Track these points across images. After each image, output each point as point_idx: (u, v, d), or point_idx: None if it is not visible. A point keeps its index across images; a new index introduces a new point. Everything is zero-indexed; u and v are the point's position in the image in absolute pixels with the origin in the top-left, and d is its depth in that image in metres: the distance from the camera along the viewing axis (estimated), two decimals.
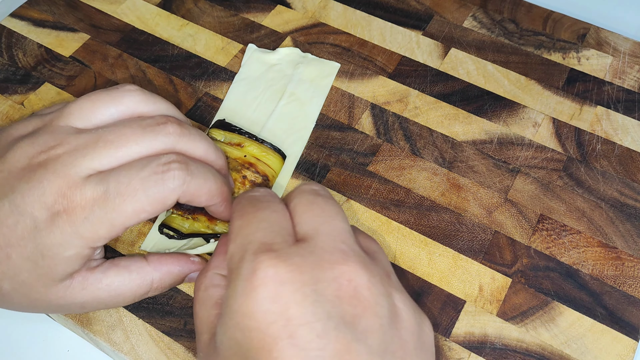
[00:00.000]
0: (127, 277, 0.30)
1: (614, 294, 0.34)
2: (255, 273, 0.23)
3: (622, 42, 0.45)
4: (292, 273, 0.23)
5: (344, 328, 0.23)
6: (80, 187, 0.27)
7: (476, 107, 0.42)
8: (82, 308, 0.30)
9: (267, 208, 0.27)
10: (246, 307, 0.23)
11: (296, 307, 0.22)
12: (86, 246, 0.28)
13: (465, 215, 0.37)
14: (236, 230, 0.26)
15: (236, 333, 0.23)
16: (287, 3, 0.48)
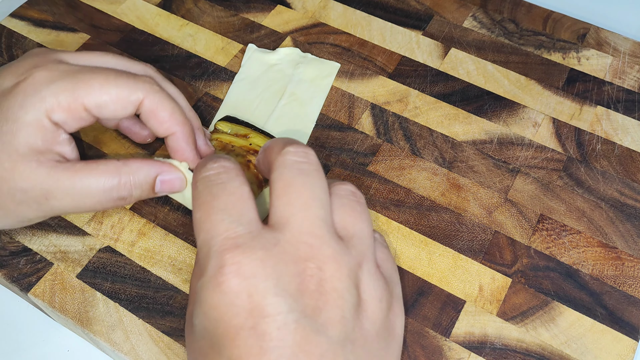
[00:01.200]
0: (94, 168, 0.29)
1: (614, 294, 0.34)
2: (221, 270, 0.23)
3: (622, 42, 0.45)
4: (255, 268, 0.24)
5: (304, 320, 0.23)
6: (53, 62, 0.29)
7: (476, 107, 0.42)
8: (46, 200, 0.29)
9: (223, 192, 0.26)
10: (212, 300, 0.23)
11: (260, 299, 0.23)
12: (46, 113, 0.28)
13: (465, 215, 0.37)
14: (198, 224, 0.25)
15: (205, 321, 0.24)
16: (287, 3, 0.48)
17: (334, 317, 0.24)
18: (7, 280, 0.35)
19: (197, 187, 0.27)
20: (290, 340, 0.23)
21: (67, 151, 0.30)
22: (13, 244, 0.36)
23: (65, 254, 0.35)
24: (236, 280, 0.23)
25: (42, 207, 0.29)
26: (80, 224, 0.36)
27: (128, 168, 0.30)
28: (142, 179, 0.30)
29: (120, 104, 0.29)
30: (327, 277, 0.25)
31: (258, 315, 0.23)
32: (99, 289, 0.34)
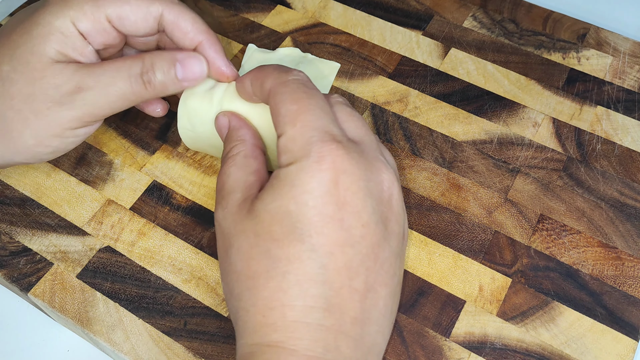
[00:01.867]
0: (120, 59, 0.31)
1: (614, 294, 0.34)
2: (323, 159, 0.26)
3: (622, 42, 0.45)
4: (352, 166, 0.26)
5: (381, 225, 0.27)
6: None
7: (476, 107, 0.42)
8: (78, 92, 0.30)
9: (317, 95, 0.28)
10: (309, 185, 0.25)
11: (351, 196, 0.26)
12: (71, 21, 0.30)
13: (465, 215, 0.37)
14: (293, 115, 0.27)
15: (290, 204, 0.26)
16: (287, 3, 0.48)
17: (396, 230, 0.28)
18: (7, 280, 0.35)
19: (289, 85, 0.28)
20: (369, 239, 0.26)
21: (94, 61, 0.32)
22: (13, 244, 0.36)
23: (65, 254, 0.35)
24: (335, 173, 0.26)
25: (75, 103, 0.31)
26: (80, 224, 0.36)
27: (150, 54, 0.32)
28: (164, 61, 0.31)
29: (140, 14, 0.31)
30: (395, 194, 0.28)
31: (349, 210, 0.26)
32: (99, 289, 0.34)
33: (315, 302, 0.25)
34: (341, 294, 0.25)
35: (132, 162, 0.39)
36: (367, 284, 0.26)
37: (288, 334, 0.25)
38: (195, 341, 0.32)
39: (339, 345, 0.25)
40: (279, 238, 0.26)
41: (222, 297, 0.34)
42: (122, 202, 0.37)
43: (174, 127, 0.41)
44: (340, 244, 0.25)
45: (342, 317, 0.26)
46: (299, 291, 0.25)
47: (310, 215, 0.25)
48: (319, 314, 0.25)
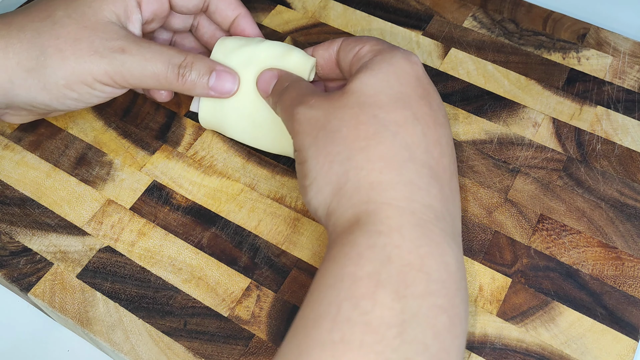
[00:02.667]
0: (165, 47, 0.34)
1: (614, 294, 0.34)
2: (410, 56, 0.31)
3: (622, 42, 0.45)
4: (425, 74, 0.31)
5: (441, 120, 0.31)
6: None
7: (476, 107, 0.42)
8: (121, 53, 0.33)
9: None
10: (404, 67, 0.30)
11: (431, 90, 0.31)
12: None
13: (465, 215, 0.37)
14: (380, 40, 0.32)
15: (391, 78, 0.29)
16: (287, 3, 0.48)
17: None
18: (7, 280, 0.35)
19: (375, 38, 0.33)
20: (447, 129, 0.30)
21: (137, 32, 0.35)
22: (13, 244, 0.36)
23: (65, 254, 0.35)
24: (420, 68, 0.31)
25: (114, 61, 0.33)
26: (80, 224, 0.36)
27: (194, 54, 0.34)
28: (203, 65, 0.34)
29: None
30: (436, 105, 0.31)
31: (433, 97, 0.30)
32: (99, 289, 0.34)
33: (422, 165, 0.28)
34: (439, 167, 0.28)
35: (132, 162, 0.39)
36: (451, 169, 0.29)
37: (405, 193, 0.26)
38: (195, 341, 0.32)
39: (445, 216, 0.27)
40: (385, 105, 0.28)
41: (222, 297, 0.34)
42: (122, 202, 0.37)
43: (174, 127, 0.41)
44: (432, 119, 0.29)
45: (442, 190, 0.28)
46: (409, 153, 0.27)
47: (409, 89, 0.29)
48: (427, 179, 0.27)
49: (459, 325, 0.25)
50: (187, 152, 0.39)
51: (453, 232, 0.27)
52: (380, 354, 0.22)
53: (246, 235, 0.36)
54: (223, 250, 0.35)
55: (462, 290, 0.26)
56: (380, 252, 0.24)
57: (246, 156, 0.39)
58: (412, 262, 0.24)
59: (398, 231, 0.25)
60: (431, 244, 0.25)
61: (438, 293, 0.24)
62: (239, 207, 0.37)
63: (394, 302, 0.23)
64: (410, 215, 0.26)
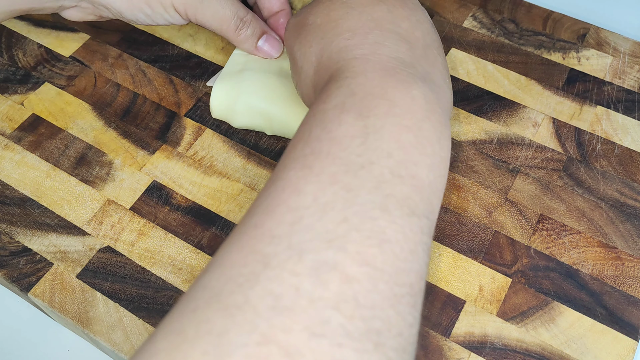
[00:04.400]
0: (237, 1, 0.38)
1: (614, 294, 0.34)
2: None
3: (622, 42, 0.45)
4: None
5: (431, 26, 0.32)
6: None
7: (476, 107, 0.42)
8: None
9: None
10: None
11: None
12: None
13: (465, 215, 0.37)
14: None
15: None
16: None
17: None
18: (7, 280, 0.35)
19: None
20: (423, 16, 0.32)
21: None
22: (13, 244, 0.36)
23: (65, 254, 0.35)
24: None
25: None
26: (80, 224, 0.36)
27: (253, 15, 0.39)
28: (258, 27, 0.39)
29: None
30: None
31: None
32: (99, 289, 0.34)
33: (389, 32, 0.29)
34: (409, 35, 0.30)
35: (132, 162, 0.39)
36: (425, 41, 0.30)
37: (371, 48, 0.28)
38: None
39: (415, 66, 0.28)
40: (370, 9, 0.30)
41: None
42: (122, 202, 0.37)
43: (174, 127, 0.41)
44: (400, 3, 0.31)
45: (413, 50, 0.29)
46: (375, 24, 0.29)
47: None
48: (395, 41, 0.29)
49: (428, 146, 0.25)
50: (187, 152, 0.39)
51: (424, 77, 0.28)
52: (345, 158, 0.23)
53: None
54: None
55: (434, 120, 0.26)
56: (346, 89, 0.26)
57: (246, 156, 0.39)
58: (375, 92, 0.26)
59: (363, 74, 0.27)
60: (396, 81, 0.27)
61: (403, 115, 0.25)
62: (239, 207, 0.37)
63: (357, 121, 0.25)
64: (377, 61, 0.28)
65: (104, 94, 0.42)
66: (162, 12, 0.38)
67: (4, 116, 0.41)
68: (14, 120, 0.41)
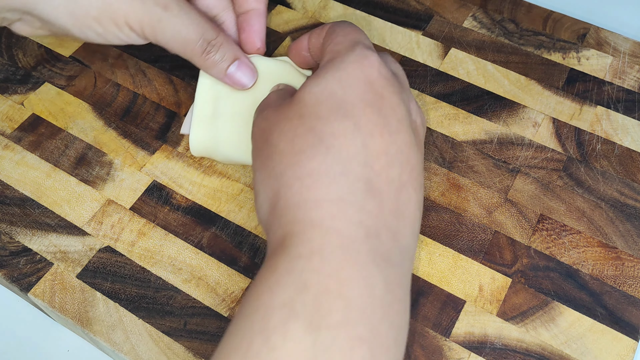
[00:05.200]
0: (204, 19, 0.33)
1: (614, 294, 0.34)
2: (366, 57, 0.28)
3: (622, 42, 0.45)
4: (388, 74, 0.29)
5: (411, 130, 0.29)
6: None
7: (476, 107, 0.42)
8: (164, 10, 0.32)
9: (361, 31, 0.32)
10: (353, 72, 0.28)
11: (387, 93, 0.28)
12: None
13: (465, 215, 0.37)
14: (347, 33, 0.30)
15: (334, 86, 0.28)
16: (287, 3, 0.48)
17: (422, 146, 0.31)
18: (7, 280, 0.35)
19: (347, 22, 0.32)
20: (403, 135, 0.28)
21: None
22: (13, 244, 0.36)
23: (65, 254, 0.35)
24: (375, 71, 0.28)
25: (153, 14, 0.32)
26: (80, 224, 0.36)
27: (225, 35, 0.34)
28: (230, 51, 0.34)
29: None
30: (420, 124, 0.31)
31: (386, 103, 0.28)
32: (99, 289, 0.34)
33: (357, 180, 0.26)
34: (380, 179, 0.26)
35: (132, 162, 0.39)
36: (401, 179, 0.27)
37: (332, 211, 0.25)
38: (195, 341, 0.32)
39: (380, 233, 0.26)
40: (324, 116, 0.27)
41: (222, 297, 0.34)
42: (122, 202, 0.37)
43: (174, 127, 0.41)
44: (379, 127, 0.27)
45: (381, 204, 0.26)
46: (342, 167, 0.26)
47: (353, 97, 0.27)
48: (361, 194, 0.26)
49: (384, 357, 0.23)
50: (187, 152, 0.39)
51: (388, 250, 0.25)
52: None
53: (246, 235, 0.36)
54: (223, 250, 0.35)
55: (393, 315, 0.24)
56: (297, 278, 0.23)
57: None
58: (330, 287, 0.23)
59: (319, 254, 0.24)
60: (355, 267, 0.24)
61: (358, 322, 0.23)
62: (239, 207, 0.37)
63: (306, 335, 0.22)
64: (335, 235, 0.24)
65: (104, 94, 0.42)
66: (116, 30, 0.33)
67: (4, 116, 0.41)
68: (14, 120, 0.41)
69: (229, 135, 0.35)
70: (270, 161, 0.27)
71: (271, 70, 0.36)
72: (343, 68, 0.28)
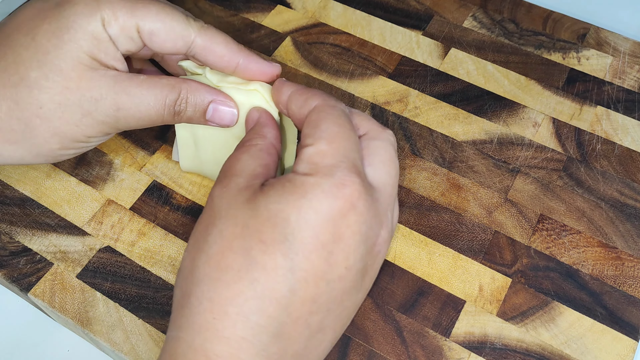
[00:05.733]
0: (158, 81, 0.30)
1: (614, 294, 0.34)
2: (344, 186, 0.25)
3: (622, 42, 0.45)
4: (363, 207, 0.26)
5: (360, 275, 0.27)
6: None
7: (476, 107, 0.42)
8: (116, 112, 0.30)
9: (353, 133, 0.28)
10: (319, 204, 0.25)
11: (349, 234, 0.25)
12: (103, 25, 0.29)
13: (465, 215, 0.37)
14: (333, 134, 0.27)
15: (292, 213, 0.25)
16: (287, 3, 0.48)
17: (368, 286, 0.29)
18: (7, 280, 0.35)
19: (336, 110, 0.28)
20: (345, 283, 0.26)
21: (122, 69, 0.31)
22: (13, 244, 0.36)
23: (65, 254, 0.35)
24: (347, 205, 0.25)
25: (108, 120, 0.30)
26: (80, 224, 0.36)
27: (188, 86, 0.31)
28: (199, 99, 0.31)
29: (172, 35, 0.30)
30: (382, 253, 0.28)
31: (341, 246, 0.25)
32: (99, 289, 0.34)
33: (268, 323, 0.24)
34: (295, 325, 0.25)
35: (132, 162, 0.39)
36: (321, 325, 0.26)
37: (232, 350, 0.24)
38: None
39: None
40: (266, 241, 0.24)
41: None
42: (122, 202, 0.37)
43: (173, 127, 0.41)
44: (318, 276, 0.25)
45: (286, 348, 0.25)
46: (258, 307, 0.24)
47: (306, 233, 0.25)
48: (267, 338, 0.24)
49: None
50: None
51: None
52: None
53: None
54: None
55: None
56: None
57: None
58: None
59: None
60: None
61: None
62: None
63: None
64: None
65: None
66: (85, 145, 0.32)
67: None
68: None
69: (211, 158, 0.35)
70: (196, 257, 0.25)
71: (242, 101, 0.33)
72: (311, 197, 0.25)
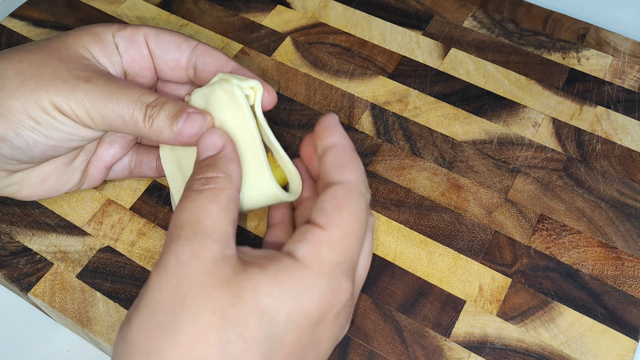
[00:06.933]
0: (137, 87, 0.30)
1: (614, 294, 0.34)
2: (338, 293, 0.25)
3: (622, 42, 0.45)
4: (345, 313, 0.26)
5: None
6: None
7: (476, 107, 0.42)
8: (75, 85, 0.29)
9: (366, 229, 0.27)
10: (311, 309, 0.24)
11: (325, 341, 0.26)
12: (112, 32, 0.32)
13: (465, 215, 0.37)
14: (349, 230, 0.26)
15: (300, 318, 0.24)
16: (287, 3, 0.48)
17: None
18: (7, 280, 0.35)
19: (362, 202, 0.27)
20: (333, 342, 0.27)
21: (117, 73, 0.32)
22: (13, 244, 0.36)
23: (65, 254, 0.35)
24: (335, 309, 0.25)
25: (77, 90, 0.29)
26: (80, 224, 0.36)
27: (167, 97, 0.30)
28: (173, 108, 0.29)
29: (174, 44, 0.33)
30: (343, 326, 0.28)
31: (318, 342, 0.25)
32: (99, 289, 0.34)
33: None
34: None
35: None
36: None
37: None
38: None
39: None
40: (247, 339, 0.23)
41: None
42: (122, 202, 0.37)
43: None
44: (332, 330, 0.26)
45: None
46: None
47: (290, 337, 0.24)
48: None
49: None
50: None
51: None
52: None
53: (246, 236, 0.36)
54: None
55: None
56: None
57: None
58: None
59: None
60: None
61: None
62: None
63: None
64: None
65: None
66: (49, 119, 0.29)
67: None
68: None
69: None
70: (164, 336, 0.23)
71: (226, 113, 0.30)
72: (305, 298, 0.24)
